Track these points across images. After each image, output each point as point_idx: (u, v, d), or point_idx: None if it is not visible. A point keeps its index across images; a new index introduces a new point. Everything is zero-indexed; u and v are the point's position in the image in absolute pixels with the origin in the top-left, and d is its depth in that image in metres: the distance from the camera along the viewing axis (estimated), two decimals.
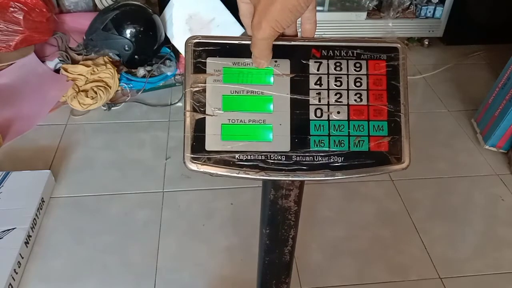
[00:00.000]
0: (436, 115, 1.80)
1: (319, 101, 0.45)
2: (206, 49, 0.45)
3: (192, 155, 0.44)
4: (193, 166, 0.44)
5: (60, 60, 1.81)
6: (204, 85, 0.44)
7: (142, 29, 1.77)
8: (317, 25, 0.46)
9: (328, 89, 0.45)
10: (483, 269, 1.24)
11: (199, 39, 0.45)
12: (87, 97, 1.67)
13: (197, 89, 0.44)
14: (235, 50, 0.45)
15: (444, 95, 1.90)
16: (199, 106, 0.44)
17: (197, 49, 0.45)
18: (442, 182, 1.50)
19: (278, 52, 0.45)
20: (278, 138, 0.44)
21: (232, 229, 1.31)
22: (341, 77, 0.45)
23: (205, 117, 0.44)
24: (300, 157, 0.44)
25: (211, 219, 1.34)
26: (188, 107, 0.44)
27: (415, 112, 1.78)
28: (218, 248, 1.26)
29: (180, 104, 1.79)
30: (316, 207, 1.39)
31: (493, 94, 1.60)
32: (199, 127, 0.44)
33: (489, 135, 1.59)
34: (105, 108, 1.73)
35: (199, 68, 0.44)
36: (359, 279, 1.20)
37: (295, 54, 0.45)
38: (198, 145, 0.44)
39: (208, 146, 0.44)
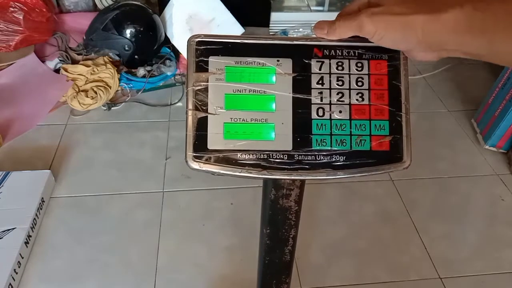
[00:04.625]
0: (436, 115, 1.80)
1: (321, 100, 0.45)
2: (209, 48, 0.45)
3: (194, 154, 0.44)
4: (195, 165, 0.44)
5: (60, 60, 1.81)
6: (207, 83, 0.44)
7: (142, 29, 1.77)
8: None
9: (330, 89, 0.45)
10: (483, 269, 1.24)
11: (202, 38, 0.45)
12: (87, 97, 1.67)
13: (199, 87, 0.44)
14: (238, 49, 0.45)
15: (444, 95, 1.90)
16: (201, 104, 0.44)
17: (200, 48, 0.45)
18: (442, 182, 1.50)
19: (280, 51, 0.45)
20: (280, 137, 0.44)
21: (232, 229, 1.31)
22: (342, 77, 0.45)
23: (207, 116, 0.44)
24: (302, 156, 0.44)
25: (211, 219, 1.34)
26: (190, 106, 0.44)
27: (415, 112, 1.78)
28: (218, 248, 1.26)
29: (180, 104, 1.79)
30: (316, 207, 1.39)
31: (493, 94, 1.60)
32: (201, 126, 0.44)
33: (489, 135, 1.59)
34: (105, 108, 1.73)
35: (201, 67, 0.44)
36: (359, 279, 1.20)
37: (297, 53, 0.45)
38: (200, 143, 0.44)
39: (210, 145, 0.44)
